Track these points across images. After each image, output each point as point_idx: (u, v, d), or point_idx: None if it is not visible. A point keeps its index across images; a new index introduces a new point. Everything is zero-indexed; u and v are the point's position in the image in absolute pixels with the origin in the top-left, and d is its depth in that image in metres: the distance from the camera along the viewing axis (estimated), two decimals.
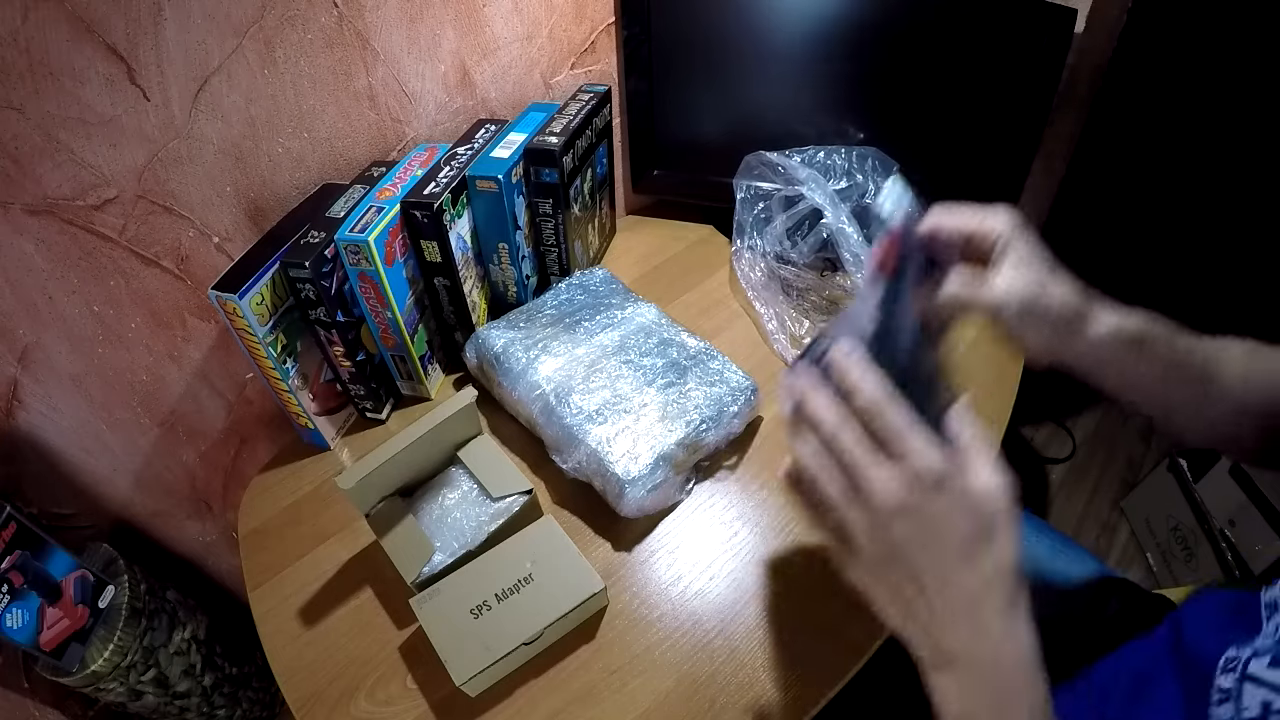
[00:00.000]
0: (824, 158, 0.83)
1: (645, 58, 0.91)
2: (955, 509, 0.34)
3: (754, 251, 0.89)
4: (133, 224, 0.63)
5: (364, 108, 0.73)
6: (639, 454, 0.64)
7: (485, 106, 0.84)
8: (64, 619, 0.68)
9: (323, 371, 0.73)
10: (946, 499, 0.34)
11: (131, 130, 0.59)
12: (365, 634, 0.61)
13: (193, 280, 0.69)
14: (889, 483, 0.34)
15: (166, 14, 0.57)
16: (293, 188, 0.72)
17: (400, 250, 0.70)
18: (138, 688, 0.75)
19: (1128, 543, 1.41)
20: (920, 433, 0.34)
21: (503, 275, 0.82)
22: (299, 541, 0.68)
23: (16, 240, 0.59)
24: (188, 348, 0.73)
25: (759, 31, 0.86)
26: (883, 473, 0.34)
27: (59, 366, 0.66)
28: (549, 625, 0.56)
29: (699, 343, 0.75)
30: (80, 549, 0.73)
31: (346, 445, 0.77)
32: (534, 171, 0.77)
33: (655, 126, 0.96)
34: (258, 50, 0.63)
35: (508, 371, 0.72)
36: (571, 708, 0.56)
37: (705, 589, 0.62)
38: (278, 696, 0.95)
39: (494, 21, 0.79)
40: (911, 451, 0.34)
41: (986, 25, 0.81)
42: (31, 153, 0.56)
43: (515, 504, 0.64)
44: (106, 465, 0.75)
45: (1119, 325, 0.43)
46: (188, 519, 0.85)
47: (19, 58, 0.52)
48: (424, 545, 0.61)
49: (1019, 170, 0.88)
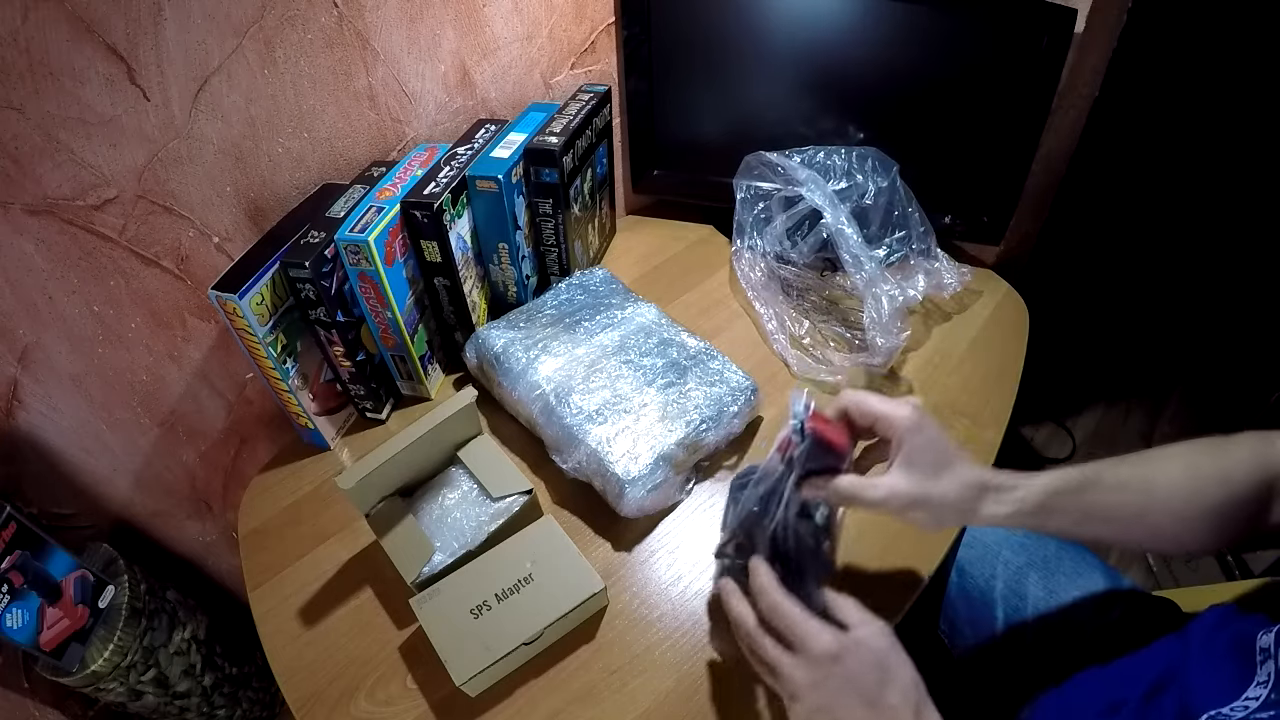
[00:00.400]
0: (824, 158, 0.83)
1: (645, 58, 0.91)
2: (854, 669, 0.43)
3: (754, 251, 0.89)
4: (133, 224, 0.63)
5: (364, 108, 0.73)
6: (639, 454, 0.64)
7: (485, 106, 0.84)
8: (64, 619, 0.68)
9: (323, 371, 0.73)
10: (843, 665, 0.43)
11: (131, 130, 0.59)
12: (365, 634, 0.61)
13: (193, 280, 0.69)
14: (794, 670, 0.44)
15: (166, 14, 0.57)
16: (293, 188, 0.72)
17: (400, 250, 0.70)
18: (138, 688, 0.75)
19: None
20: (811, 622, 0.45)
21: (503, 275, 0.82)
22: (299, 541, 0.68)
23: (16, 240, 0.59)
24: (188, 348, 0.73)
25: (759, 31, 0.86)
26: (787, 661, 0.45)
27: (59, 366, 0.66)
28: (549, 625, 0.56)
29: (699, 343, 0.75)
30: (80, 549, 0.73)
31: (346, 445, 0.77)
32: (534, 171, 0.77)
33: (655, 126, 0.96)
34: (258, 50, 0.63)
35: (508, 371, 0.72)
36: (571, 708, 0.56)
37: (705, 589, 0.62)
38: (278, 696, 0.95)
39: (494, 21, 0.79)
40: (808, 637, 0.44)
41: (987, 25, 0.81)
42: (31, 153, 0.56)
43: (515, 504, 0.64)
44: (106, 465, 0.75)
45: (1020, 502, 0.48)
46: (188, 519, 0.85)
47: (19, 58, 0.52)
48: (424, 545, 0.61)
49: (1019, 170, 0.88)
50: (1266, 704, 0.38)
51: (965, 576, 0.71)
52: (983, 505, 0.48)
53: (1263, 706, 0.38)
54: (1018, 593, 0.68)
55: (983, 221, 0.93)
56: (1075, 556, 0.69)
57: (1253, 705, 0.39)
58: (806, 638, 0.44)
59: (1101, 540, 0.50)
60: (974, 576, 0.71)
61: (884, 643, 0.44)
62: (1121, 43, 0.91)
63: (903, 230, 0.83)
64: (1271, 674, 0.40)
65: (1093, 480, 0.48)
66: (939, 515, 0.48)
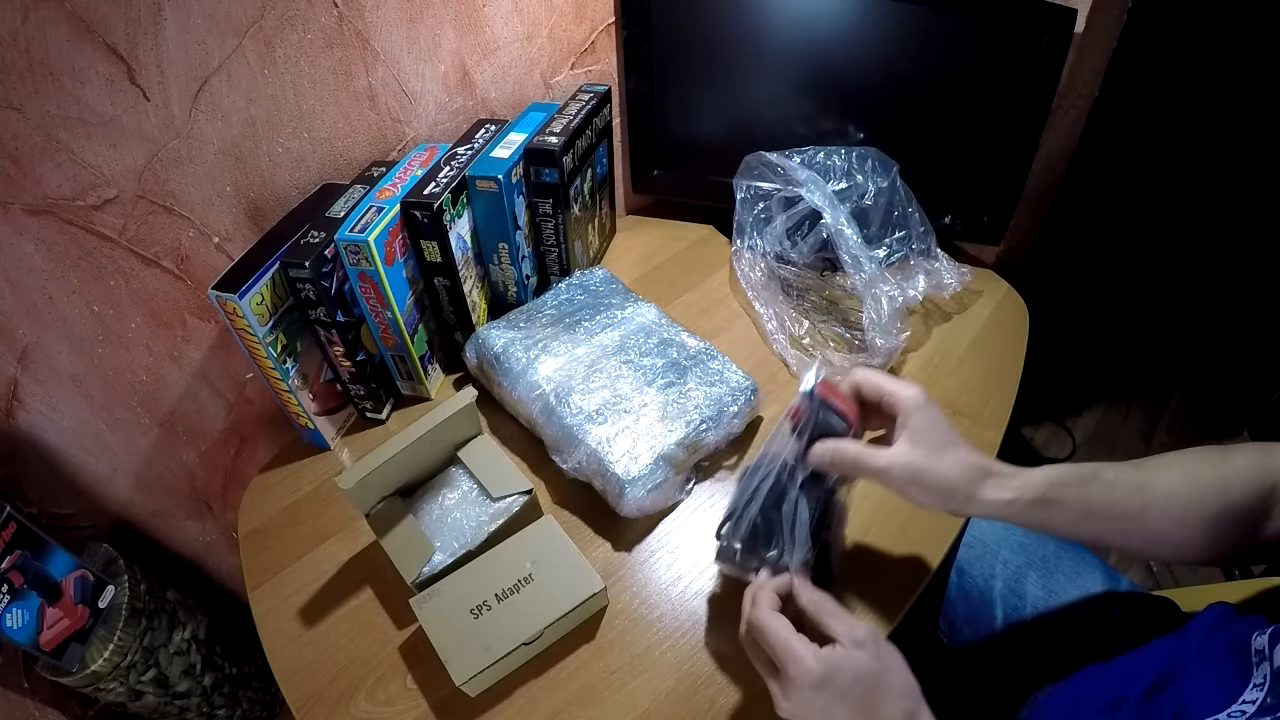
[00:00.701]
0: (824, 158, 0.83)
1: (645, 58, 0.91)
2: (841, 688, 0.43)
3: (754, 251, 0.89)
4: (133, 224, 0.63)
5: (364, 108, 0.73)
6: (639, 454, 0.64)
7: (485, 106, 0.84)
8: (64, 619, 0.68)
9: (323, 371, 0.73)
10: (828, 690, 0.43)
11: (131, 130, 0.59)
12: (365, 634, 0.61)
13: (193, 280, 0.69)
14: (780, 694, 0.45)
15: (166, 14, 0.57)
16: (293, 188, 0.72)
17: (400, 250, 0.70)
18: (138, 688, 0.75)
19: None
20: (793, 645, 0.44)
21: (503, 275, 0.82)
22: (299, 541, 0.68)
23: (16, 240, 0.59)
24: (188, 348, 0.73)
25: (759, 32, 0.86)
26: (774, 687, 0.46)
27: (59, 366, 0.66)
28: (549, 625, 0.56)
29: (699, 343, 0.75)
30: (80, 549, 0.73)
31: (346, 445, 0.77)
32: (534, 171, 0.77)
33: (655, 126, 0.96)
34: (258, 50, 0.63)
35: (508, 371, 0.72)
36: (571, 708, 0.56)
37: (705, 589, 0.62)
38: (278, 696, 0.95)
39: (494, 21, 0.79)
40: (789, 663, 0.44)
41: (987, 25, 0.81)
42: (31, 153, 0.56)
43: (515, 504, 0.64)
44: (106, 465, 0.75)
45: (1021, 489, 0.48)
46: (188, 519, 0.85)
47: (19, 58, 0.52)
48: (424, 545, 0.61)
49: (1019, 170, 0.88)
50: (1263, 709, 0.38)
51: (964, 576, 0.71)
52: (983, 489, 0.48)
53: (1260, 712, 0.38)
54: (1017, 592, 0.68)
55: (983, 221, 0.93)
56: (1074, 556, 0.69)
57: (1249, 710, 0.39)
58: (788, 664, 0.44)
59: (1100, 541, 0.50)
60: (973, 576, 0.71)
61: (868, 655, 0.43)
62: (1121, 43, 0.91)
63: (903, 230, 0.83)
64: (1268, 676, 0.40)
65: (1092, 476, 0.48)
66: (938, 493, 0.48)
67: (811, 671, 0.43)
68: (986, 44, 0.82)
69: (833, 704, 0.43)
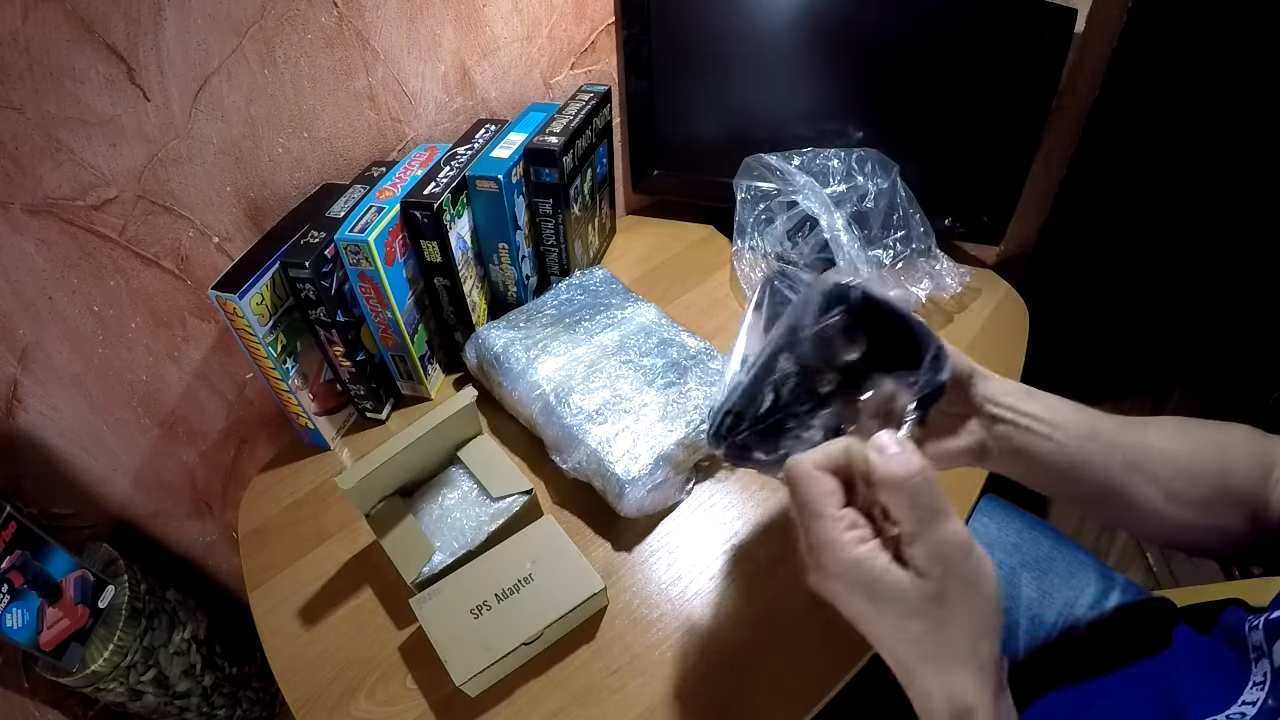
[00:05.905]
0: (824, 160, 0.83)
1: (645, 58, 0.91)
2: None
3: (755, 252, 0.89)
4: (133, 224, 0.63)
5: (364, 108, 0.73)
6: (639, 454, 0.64)
7: (485, 106, 0.84)
8: (64, 619, 0.68)
9: (323, 371, 0.73)
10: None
11: (131, 130, 0.59)
12: (365, 634, 0.61)
13: (193, 280, 0.69)
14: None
15: (166, 14, 0.57)
16: (293, 188, 0.72)
17: (400, 250, 0.70)
18: (138, 688, 0.75)
19: (1127, 542, 1.41)
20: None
21: (503, 275, 0.82)
22: (299, 541, 0.68)
23: (16, 240, 0.59)
24: (188, 348, 0.73)
25: (759, 32, 0.86)
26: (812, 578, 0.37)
27: (59, 366, 0.66)
28: (549, 625, 0.56)
29: (699, 343, 0.75)
30: (80, 549, 0.73)
31: (346, 445, 0.77)
32: (534, 171, 0.77)
33: (655, 126, 0.96)
34: (258, 50, 0.63)
35: (508, 371, 0.72)
36: (571, 708, 0.56)
37: (705, 589, 0.62)
38: (278, 696, 0.95)
39: (494, 21, 0.79)
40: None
41: (986, 24, 0.81)
42: (31, 153, 0.56)
43: (515, 504, 0.64)
44: (106, 465, 0.75)
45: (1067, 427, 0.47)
46: (188, 519, 0.85)
47: (19, 58, 0.52)
48: (424, 545, 0.61)
49: (1019, 170, 0.88)
50: (1263, 711, 0.38)
51: None
52: (1031, 403, 0.48)
53: (1260, 714, 0.38)
54: (1010, 594, 0.67)
55: (983, 222, 0.93)
56: (1069, 557, 0.69)
57: (1250, 712, 0.39)
58: (820, 550, 0.36)
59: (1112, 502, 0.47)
60: None
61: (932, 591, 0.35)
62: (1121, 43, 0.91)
63: (903, 231, 0.83)
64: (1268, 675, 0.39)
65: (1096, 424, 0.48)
66: (991, 391, 0.48)
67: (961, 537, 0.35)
68: (986, 44, 0.82)
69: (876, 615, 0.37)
